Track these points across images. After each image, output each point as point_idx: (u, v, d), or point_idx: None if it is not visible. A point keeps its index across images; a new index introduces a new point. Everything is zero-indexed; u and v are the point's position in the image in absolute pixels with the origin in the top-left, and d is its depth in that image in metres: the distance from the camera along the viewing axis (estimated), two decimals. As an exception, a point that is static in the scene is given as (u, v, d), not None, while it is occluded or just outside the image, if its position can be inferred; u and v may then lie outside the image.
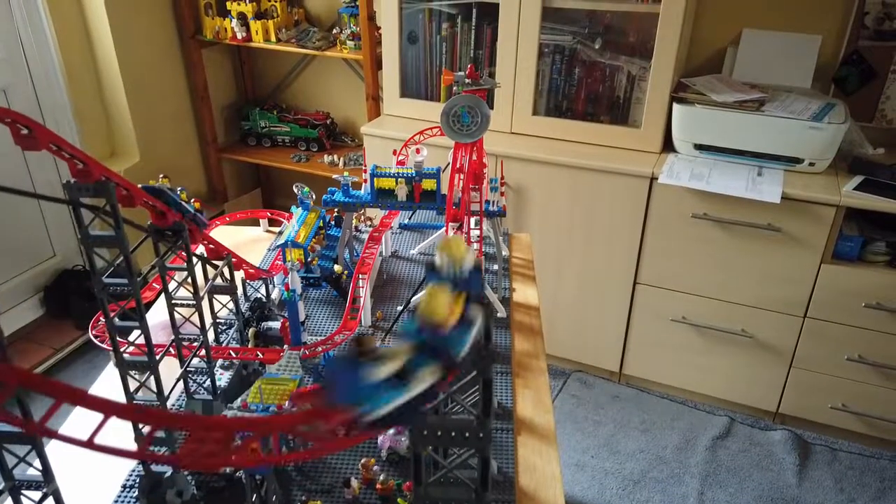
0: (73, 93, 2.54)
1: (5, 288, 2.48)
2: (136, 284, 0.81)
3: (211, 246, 1.10)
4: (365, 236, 1.63)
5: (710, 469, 2.10)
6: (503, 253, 1.54)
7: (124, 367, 0.86)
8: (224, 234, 1.65)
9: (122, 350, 0.86)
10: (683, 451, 2.16)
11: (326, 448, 0.46)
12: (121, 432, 0.89)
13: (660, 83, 2.11)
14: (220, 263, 1.11)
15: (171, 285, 0.99)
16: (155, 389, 0.89)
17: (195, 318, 1.00)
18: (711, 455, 2.15)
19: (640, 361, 2.39)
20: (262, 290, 1.32)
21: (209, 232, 1.59)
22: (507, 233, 1.67)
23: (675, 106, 2.10)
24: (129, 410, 0.44)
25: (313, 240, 1.43)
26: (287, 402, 0.89)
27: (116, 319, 0.87)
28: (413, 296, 1.35)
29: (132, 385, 0.89)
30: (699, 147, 2.14)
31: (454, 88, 1.27)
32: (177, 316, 1.00)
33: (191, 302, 0.99)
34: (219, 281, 1.13)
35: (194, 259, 0.99)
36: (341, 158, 2.92)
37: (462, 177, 1.21)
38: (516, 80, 2.27)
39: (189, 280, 0.97)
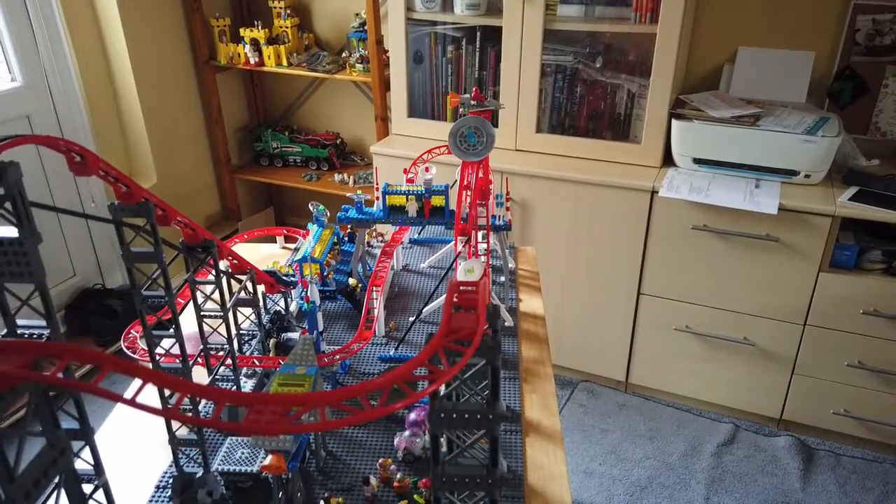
0: (94, 117, 2.64)
1: (27, 308, 2.56)
2: (173, 297, 0.88)
3: (235, 261, 1.18)
4: (377, 251, 1.70)
5: (715, 475, 2.14)
6: (510, 265, 1.61)
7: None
8: (242, 250, 1.73)
9: (159, 358, 0.93)
10: (689, 458, 2.21)
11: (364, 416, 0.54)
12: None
13: (658, 100, 2.18)
14: (243, 278, 1.19)
15: (200, 298, 1.06)
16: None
17: (221, 329, 1.07)
18: (717, 461, 2.19)
19: (646, 371, 2.45)
20: (282, 303, 1.39)
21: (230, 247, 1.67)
22: (514, 246, 1.74)
23: (674, 122, 2.17)
24: (201, 389, 0.52)
25: (328, 255, 1.51)
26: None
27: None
28: (424, 307, 1.42)
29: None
30: (698, 161, 2.21)
31: (460, 110, 1.35)
32: (204, 327, 1.08)
33: (218, 313, 1.07)
34: (242, 294, 1.21)
35: (224, 272, 1.07)
36: (351, 177, 3.00)
37: (469, 193, 1.28)
38: (520, 99, 2.35)
39: (216, 293, 1.05)
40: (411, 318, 1.44)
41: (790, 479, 2.12)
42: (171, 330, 0.92)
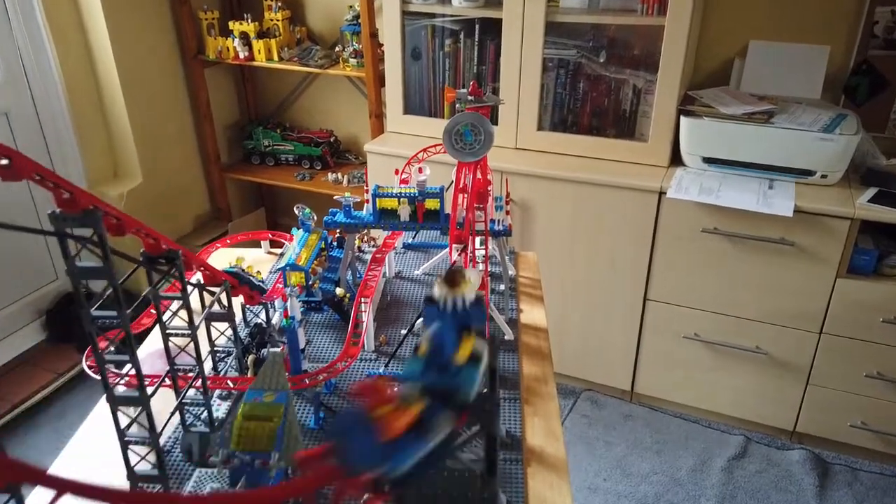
0: (75, 115, 2.53)
1: (7, 312, 2.46)
2: (126, 317, 0.78)
3: (208, 272, 1.07)
4: (368, 257, 1.59)
5: (726, 491, 2.04)
6: (510, 272, 1.50)
7: (115, 404, 0.83)
8: (225, 256, 1.62)
9: (114, 385, 0.82)
10: (699, 473, 2.10)
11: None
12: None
13: (666, 96, 2.07)
14: (217, 290, 1.08)
15: (167, 314, 0.96)
16: (147, 425, 0.86)
17: (192, 347, 0.97)
18: (728, 476, 2.09)
19: (652, 380, 2.34)
20: (263, 316, 1.28)
21: (208, 254, 1.56)
22: (514, 251, 1.63)
23: (683, 119, 2.07)
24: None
25: (315, 262, 1.40)
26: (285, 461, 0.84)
27: (111, 348, 0.84)
28: (417, 319, 1.31)
29: (124, 420, 0.86)
30: (708, 160, 2.10)
31: (457, 106, 1.24)
32: (172, 346, 0.97)
33: (187, 332, 0.96)
34: (216, 308, 1.10)
35: (190, 287, 0.96)
36: (345, 176, 2.89)
37: (466, 196, 1.17)
38: (520, 95, 2.24)
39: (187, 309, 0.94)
40: (403, 331, 1.33)
41: (805, 496, 2.02)
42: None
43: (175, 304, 0.97)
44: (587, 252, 2.22)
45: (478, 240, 1.37)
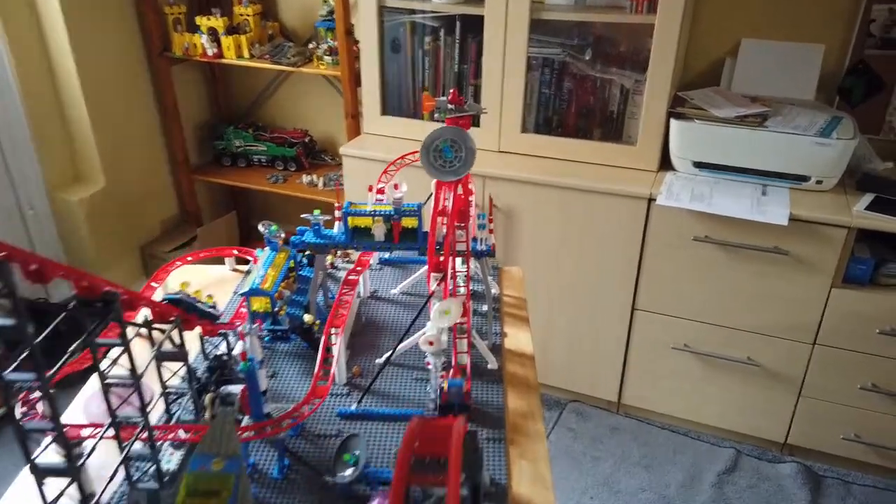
0: (32, 116, 2.38)
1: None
2: (46, 382, 0.66)
3: (157, 310, 0.96)
4: (342, 274, 1.49)
5: (717, 508, 1.97)
6: (492, 291, 1.41)
7: (40, 476, 0.71)
8: (186, 274, 1.50)
9: (35, 457, 0.71)
10: (688, 489, 2.03)
11: None
12: None
13: (656, 98, 1.98)
14: (167, 327, 0.97)
15: (107, 362, 0.84)
16: (79, 496, 0.75)
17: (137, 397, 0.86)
18: (718, 493, 2.01)
19: (640, 391, 2.26)
20: (224, 347, 1.17)
21: (167, 273, 1.45)
22: (497, 266, 1.53)
23: (673, 122, 1.98)
24: None
25: (282, 284, 1.29)
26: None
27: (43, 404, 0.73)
28: (396, 347, 1.21)
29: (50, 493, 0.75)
30: (698, 165, 2.01)
31: (436, 115, 1.14)
32: (114, 398, 0.86)
33: (129, 382, 0.85)
34: (168, 346, 0.99)
35: (140, 325, 0.85)
36: (321, 178, 2.77)
37: (445, 220, 1.07)
38: (503, 95, 2.14)
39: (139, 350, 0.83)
40: (379, 360, 1.23)
41: (798, 512, 1.95)
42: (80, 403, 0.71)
43: (117, 350, 0.86)
44: (574, 259, 2.13)
45: (459, 260, 1.27)
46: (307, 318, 1.24)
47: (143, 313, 0.98)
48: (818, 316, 1.92)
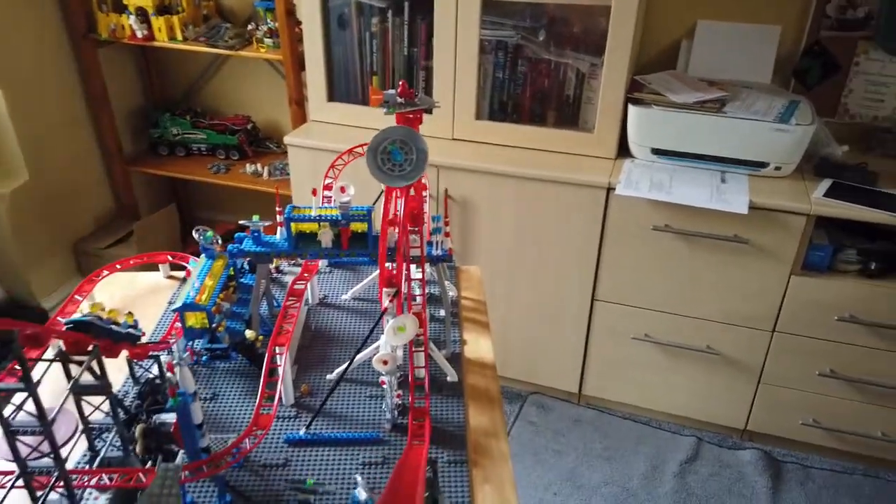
0: (-58, 105, 2.17)
1: None
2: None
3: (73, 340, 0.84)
4: (288, 279, 1.38)
5: (680, 499, 1.95)
6: (450, 294, 1.32)
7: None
8: (115, 283, 1.37)
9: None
10: (651, 480, 2.01)
11: None
12: None
13: (613, 83, 1.92)
14: (84, 358, 0.86)
15: (10, 408, 0.73)
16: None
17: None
18: (681, 482, 2.00)
19: (601, 381, 2.22)
20: (156, 369, 1.06)
21: (94, 283, 1.32)
22: (454, 266, 1.45)
23: (631, 108, 1.91)
24: None
25: (220, 295, 1.18)
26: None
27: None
28: (351, 362, 1.11)
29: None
30: (657, 152, 1.96)
31: (384, 110, 1.03)
32: (31, 440, 0.76)
33: (36, 427, 0.74)
34: (88, 377, 0.88)
35: (51, 360, 0.74)
36: (266, 167, 2.63)
37: (396, 229, 0.98)
38: (456, 80, 2.04)
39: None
40: (330, 376, 1.13)
41: (759, 500, 1.95)
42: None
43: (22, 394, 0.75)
44: (532, 250, 2.06)
45: (412, 266, 1.18)
46: (249, 334, 1.13)
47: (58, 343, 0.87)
48: (777, 303, 1.90)
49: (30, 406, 0.75)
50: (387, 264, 0.99)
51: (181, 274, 1.42)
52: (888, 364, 1.87)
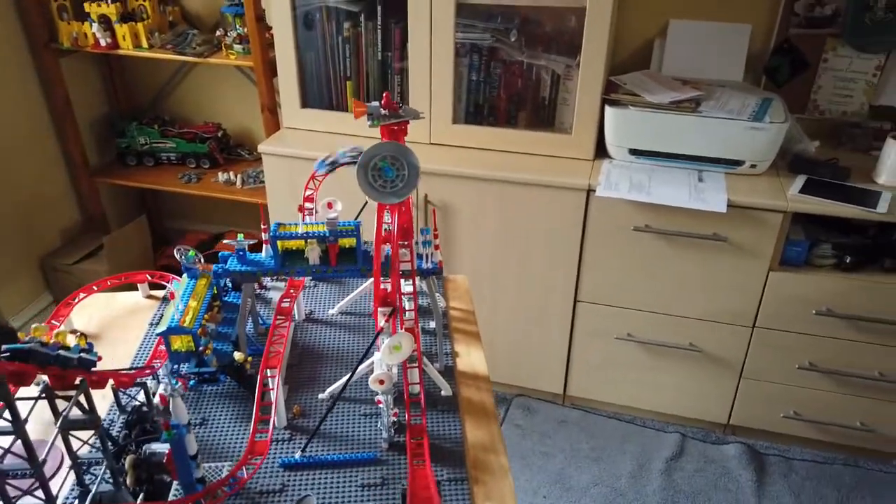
0: None
1: None
2: None
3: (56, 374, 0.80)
4: (272, 295, 1.35)
5: (667, 496, 1.96)
6: (440, 306, 1.31)
7: None
8: (92, 305, 1.33)
9: None
10: (638, 479, 2.02)
11: None
12: None
13: (589, 84, 1.92)
14: (72, 393, 0.82)
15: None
16: None
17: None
18: (667, 480, 2.01)
19: (585, 382, 2.23)
20: (142, 396, 1.03)
21: (70, 307, 1.27)
22: (441, 276, 1.43)
23: (608, 109, 1.92)
24: None
25: (205, 316, 1.14)
26: None
27: None
28: (344, 387, 1.08)
29: None
30: (634, 152, 1.97)
31: (368, 123, 1.01)
32: (20, 482, 0.72)
33: (26, 469, 0.71)
34: (76, 412, 0.84)
35: (36, 398, 0.71)
36: (239, 175, 2.58)
37: (389, 246, 0.96)
38: (432, 84, 2.02)
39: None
40: (322, 395, 1.11)
41: (744, 493, 1.98)
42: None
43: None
44: (514, 253, 2.06)
45: (402, 280, 1.16)
46: (238, 356, 1.10)
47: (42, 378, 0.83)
48: (757, 300, 1.93)
49: (17, 448, 0.72)
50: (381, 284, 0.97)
51: (161, 293, 1.38)
52: (865, 356, 1.91)
